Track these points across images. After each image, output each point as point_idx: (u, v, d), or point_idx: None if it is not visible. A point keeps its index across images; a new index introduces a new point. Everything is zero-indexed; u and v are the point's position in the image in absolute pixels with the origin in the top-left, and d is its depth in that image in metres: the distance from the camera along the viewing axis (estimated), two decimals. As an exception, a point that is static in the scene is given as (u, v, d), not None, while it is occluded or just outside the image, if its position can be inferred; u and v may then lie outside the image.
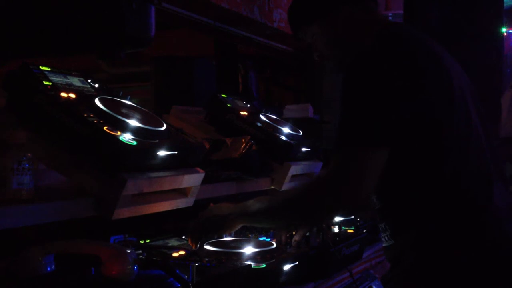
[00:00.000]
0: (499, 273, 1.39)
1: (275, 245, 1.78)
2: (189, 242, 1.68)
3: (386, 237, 1.53)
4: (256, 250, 1.69)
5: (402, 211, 1.47)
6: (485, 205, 1.43)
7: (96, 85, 1.79)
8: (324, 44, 1.66)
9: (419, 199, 1.43)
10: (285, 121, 2.82)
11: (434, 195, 1.42)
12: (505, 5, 4.08)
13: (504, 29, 4.06)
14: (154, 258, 1.56)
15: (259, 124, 2.57)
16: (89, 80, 1.79)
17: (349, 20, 1.59)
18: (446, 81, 1.46)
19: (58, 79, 1.68)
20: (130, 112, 1.66)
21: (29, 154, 1.45)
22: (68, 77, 1.73)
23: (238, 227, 1.61)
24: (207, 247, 1.70)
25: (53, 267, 1.35)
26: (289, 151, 2.49)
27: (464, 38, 3.65)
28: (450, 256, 1.39)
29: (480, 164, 1.47)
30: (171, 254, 1.63)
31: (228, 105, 2.64)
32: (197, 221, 1.67)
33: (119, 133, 1.52)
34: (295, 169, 2.47)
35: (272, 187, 2.42)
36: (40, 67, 1.68)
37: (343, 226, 2.23)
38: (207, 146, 2.12)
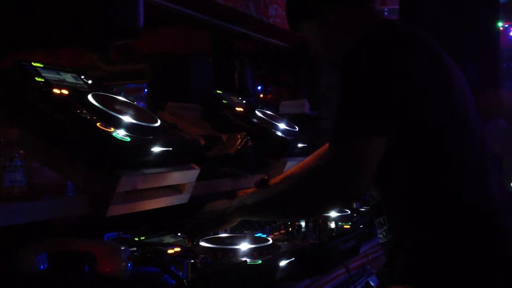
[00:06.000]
0: (494, 270, 1.38)
1: (271, 241, 1.77)
2: (186, 241, 1.67)
3: (384, 232, 1.52)
4: (252, 246, 1.67)
5: (400, 204, 1.47)
6: (479, 197, 1.43)
7: (89, 82, 1.77)
8: (317, 42, 1.66)
9: (415, 191, 1.43)
10: (281, 117, 2.81)
11: (429, 189, 1.41)
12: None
13: (500, 24, 4.06)
14: (149, 255, 1.55)
15: (255, 120, 2.56)
16: (82, 77, 1.78)
17: (342, 19, 1.58)
18: (444, 73, 1.46)
19: (51, 75, 1.67)
20: (124, 108, 1.65)
21: (21, 151, 1.44)
22: (61, 73, 1.72)
23: (236, 222, 1.60)
24: (202, 243, 1.69)
25: (46, 265, 1.33)
26: (285, 147, 2.48)
27: (460, 32, 3.65)
28: (444, 252, 1.39)
29: (475, 155, 1.46)
30: (166, 251, 1.62)
31: (224, 101, 2.63)
32: (194, 218, 1.66)
33: (112, 129, 1.50)
34: (292, 165, 2.46)
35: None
36: (33, 63, 1.66)
37: (340, 222, 2.22)
38: (202, 142, 2.11)
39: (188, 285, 1.32)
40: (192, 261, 1.41)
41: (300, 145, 2.59)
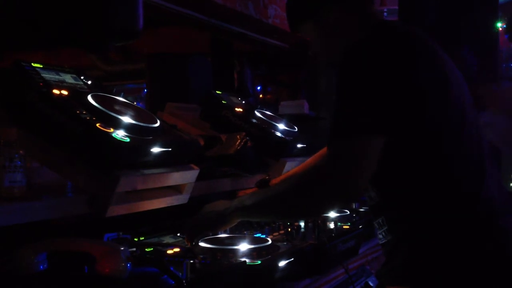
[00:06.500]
0: (493, 270, 1.38)
1: (270, 242, 1.77)
2: (186, 241, 1.67)
3: (383, 233, 1.52)
4: (251, 246, 1.68)
5: (399, 205, 1.47)
6: (477, 197, 1.43)
7: (89, 82, 1.77)
8: (317, 42, 1.66)
9: (414, 191, 1.43)
10: (280, 117, 2.81)
11: (426, 187, 1.42)
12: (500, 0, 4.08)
13: (499, 24, 4.06)
14: (148, 256, 1.55)
15: (254, 120, 2.57)
16: (82, 77, 1.78)
17: (342, 19, 1.59)
18: (443, 74, 1.46)
19: (51, 76, 1.67)
20: (123, 109, 1.65)
21: (21, 152, 1.44)
22: (61, 74, 1.72)
23: (236, 222, 1.60)
24: (202, 244, 1.69)
25: (46, 265, 1.33)
26: (284, 147, 2.48)
27: (460, 33, 3.65)
28: (443, 252, 1.39)
29: (473, 155, 1.47)
30: (166, 251, 1.62)
31: (223, 101, 2.64)
32: (193, 219, 1.66)
33: (112, 130, 1.51)
34: (291, 165, 2.46)
35: (268, 183, 2.41)
36: (33, 64, 1.67)
37: (339, 222, 2.23)
38: (202, 142, 2.11)
39: (188, 286, 1.33)
40: (192, 261, 1.41)
41: (299, 145, 2.60)
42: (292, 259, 1.70)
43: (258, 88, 6.85)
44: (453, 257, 1.39)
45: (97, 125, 1.49)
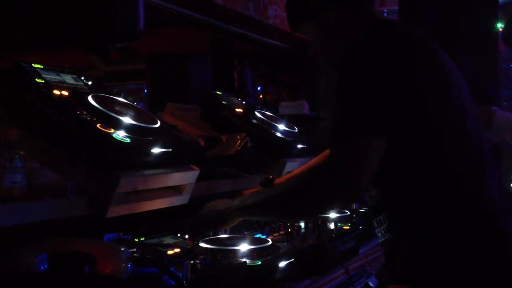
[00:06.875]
0: (493, 270, 1.38)
1: (270, 242, 1.77)
2: (187, 240, 1.67)
3: (382, 231, 1.52)
4: (251, 247, 1.68)
5: (399, 204, 1.47)
6: (477, 197, 1.43)
7: (90, 82, 1.78)
8: (317, 42, 1.66)
9: (414, 191, 1.43)
10: (280, 118, 2.81)
11: (426, 187, 1.42)
12: (500, 0, 4.07)
13: (499, 25, 4.06)
14: (148, 256, 1.55)
15: (254, 121, 2.57)
16: (82, 78, 1.78)
17: (342, 19, 1.59)
18: (443, 74, 1.47)
19: (51, 76, 1.67)
20: (124, 109, 1.65)
21: (21, 152, 1.44)
22: (61, 74, 1.72)
23: (237, 221, 1.61)
24: (202, 244, 1.69)
25: (46, 266, 1.33)
26: (284, 147, 2.48)
27: (460, 33, 3.65)
28: (443, 252, 1.39)
29: (473, 155, 1.47)
30: (166, 252, 1.62)
31: (223, 102, 2.64)
32: (195, 218, 1.67)
33: (112, 130, 1.51)
34: (291, 165, 2.47)
35: (268, 184, 2.41)
36: (33, 64, 1.67)
37: (339, 223, 2.23)
38: (202, 143, 2.11)
39: (188, 286, 1.33)
40: (192, 262, 1.41)
41: (299, 146, 2.60)
42: (292, 259, 1.71)
43: (258, 88, 6.84)
44: (453, 257, 1.39)
45: (98, 125, 1.50)
